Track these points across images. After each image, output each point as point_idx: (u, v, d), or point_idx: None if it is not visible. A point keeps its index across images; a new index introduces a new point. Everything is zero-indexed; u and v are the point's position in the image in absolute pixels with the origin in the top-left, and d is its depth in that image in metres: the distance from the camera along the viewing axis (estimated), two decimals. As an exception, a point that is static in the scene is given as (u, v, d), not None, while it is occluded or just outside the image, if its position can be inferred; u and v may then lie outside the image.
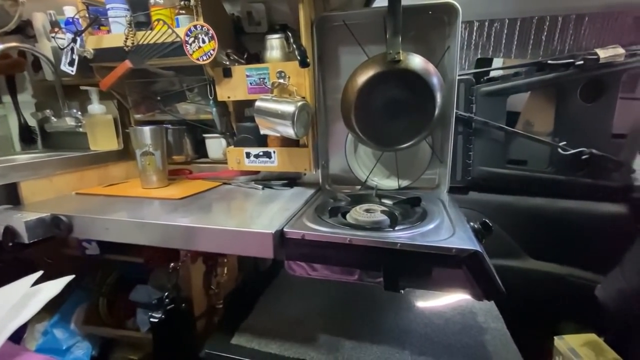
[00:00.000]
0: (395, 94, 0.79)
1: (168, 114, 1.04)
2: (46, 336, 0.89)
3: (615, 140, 0.89)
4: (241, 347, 0.71)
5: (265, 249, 0.62)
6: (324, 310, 0.83)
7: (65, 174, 0.93)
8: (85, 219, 0.73)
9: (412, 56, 0.77)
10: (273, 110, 0.80)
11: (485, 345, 0.70)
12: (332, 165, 0.99)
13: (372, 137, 0.85)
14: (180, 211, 0.75)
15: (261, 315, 0.82)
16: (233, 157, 0.95)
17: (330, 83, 0.92)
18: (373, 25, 0.83)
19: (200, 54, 0.84)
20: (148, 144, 0.91)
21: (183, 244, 0.68)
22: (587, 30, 0.86)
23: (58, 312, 0.91)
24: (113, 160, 1.07)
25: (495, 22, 0.92)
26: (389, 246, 0.59)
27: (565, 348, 0.79)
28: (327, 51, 0.90)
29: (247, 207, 0.81)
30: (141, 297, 0.85)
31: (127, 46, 0.88)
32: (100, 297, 0.94)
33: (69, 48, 0.93)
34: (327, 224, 0.67)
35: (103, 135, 1.07)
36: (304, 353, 0.69)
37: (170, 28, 0.83)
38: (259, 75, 0.86)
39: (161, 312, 0.72)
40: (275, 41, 0.87)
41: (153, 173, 0.93)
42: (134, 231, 0.69)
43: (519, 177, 0.95)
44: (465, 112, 0.93)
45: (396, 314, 0.80)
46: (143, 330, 0.85)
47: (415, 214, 0.74)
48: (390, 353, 0.68)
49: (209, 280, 0.86)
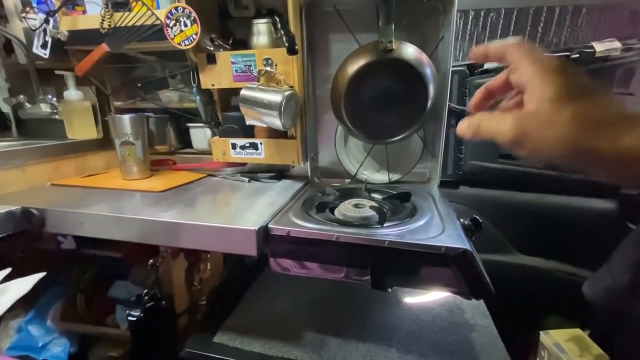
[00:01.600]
0: (387, 85, 0.76)
1: (150, 101, 1.00)
2: (20, 333, 0.85)
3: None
4: (224, 346, 0.68)
5: (249, 246, 0.60)
6: (310, 306, 0.81)
7: (39, 164, 0.88)
8: (58, 213, 0.69)
9: (405, 45, 0.74)
10: (259, 99, 0.76)
11: (472, 343, 0.69)
12: (322, 158, 0.96)
13: (363, 130, 0.82)
14: (160, 205, 0.72)
15: (245, 312, 0.79)
16: (218, 148, 0.91)
17: (320, 72, 0.89)
18: (365, 11, 0.79)
19: (182, 38, 0.79)
20: (128, 133, 0.86)
21: (162, 240, 0.65)
22: (584, 22, 0.84)
23: (33, 308, 0.88)
24: (92, 150, 1.02)
25: (491, 12, 0.89)
26: (376, 244, 0.57)
27: (550, 343, 0.79)
28: (317, 38, 0.86)
29: (232, 201, 0.78)
30: (120, 294, 0.82)
31: (104, 28, 0.82)
32: (78, 293, 0.90)
33: (42, 29, 0.87)
34: (314, 220, 0.65)
35: (81, 123, 1.02)
36: (289, 352, 0.67)
37: (150, 9, 0.78)
38: (245, 62, 0.82)
39: (140, 310, 0.69)
40: (262, 26, 0.82)
41: (133, 164, 0.89)
42: (110, 226, 0.66)
43: (510, 172, 0.94)
44: (458, 105, 0.91)
45: (383, 310, 0.79)
46: (123, 327, 0.82)
47: (404, 209, 0.72)
48: (376, 351, 0.67)
49: (191, 276, 0.84)
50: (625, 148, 0.28)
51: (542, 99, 0.31)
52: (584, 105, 0.30)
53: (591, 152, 0.29)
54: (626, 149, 0.28)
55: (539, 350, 0.79)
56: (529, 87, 0.33)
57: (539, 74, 0.32)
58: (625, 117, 0.29)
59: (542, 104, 0.31)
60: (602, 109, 0.30)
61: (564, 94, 0.31)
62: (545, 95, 0.31)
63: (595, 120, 0.30)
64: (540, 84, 0.32)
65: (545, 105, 0.31)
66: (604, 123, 0.29)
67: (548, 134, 0.31)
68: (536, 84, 0.32)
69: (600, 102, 0.31)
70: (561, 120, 0.30)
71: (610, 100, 0.31)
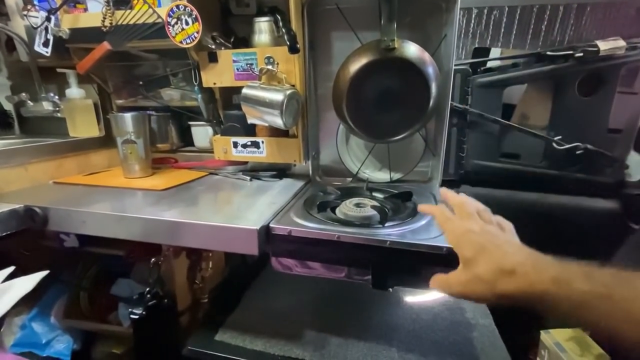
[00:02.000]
0: (388, 84, 0.76)
1: (151, 99, 1.00)
2: (24, 330, 0.86)
3: (611, 135, 0.87)
4: (225, 344, 0.69)
5: (250, 246, 0.60)
6: (312, 304, 0.82)
7: (41, 162, 0.88)
8: (60, 211, 0.69)
9: (408, 44, 0.74)
10: (261, 98, 0.76)
11: (473, 342, 0.70)
12: (323, 157, 0.96)
13: (364, 128, 0.82)
14: (162, 203, 0.72)
15: (247, 310, 0.80)
16: (220, 146, 0.91)
17: (322, 70, 0.88)
18: (367, 9, 0.78)
19: (183, 36, 0.79)
20: (130, 132, 0.86)
21: (163, 239, 0.65)
22: (589, 20, 0.83)
23: (37, 305, 0.89)
24: (94, 148, 1.02)
25: (494, 10, 0.88)
26: (378, 244, 0.58)
27: (551, 342, 0.79)
28: (319, 36, 0.86)
29: (233, 199, 0.78)
30: (123, 291, 0.83)
31: (105, 26, 0.82)
32: (81, 291, 0.91)
33: (43, 27, 0.87)
34: (315, 220, 0.65)
35: (83, 121, 1.02)
36: (290, 350, 0.67)
37: (151, 7, 0.78)
38: (247, 60, 0.82)
39: (142, 308, 0.69)
40: (264, 24, 0.82)
41: (135, 162, 0.89)
42: (112, 225, 0.66)
43: (512, 171, 0.94)
44: (460, 104, 0.90)
45: (384, 309, 0.79)
46: (125, 324, 0.82)
47: (406, 209, 0.72)
48: (377, 350, 0.67)
49: (193, 275, 0.84)
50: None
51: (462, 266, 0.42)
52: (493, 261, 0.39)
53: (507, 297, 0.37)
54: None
55: (540, 350, 0.79)
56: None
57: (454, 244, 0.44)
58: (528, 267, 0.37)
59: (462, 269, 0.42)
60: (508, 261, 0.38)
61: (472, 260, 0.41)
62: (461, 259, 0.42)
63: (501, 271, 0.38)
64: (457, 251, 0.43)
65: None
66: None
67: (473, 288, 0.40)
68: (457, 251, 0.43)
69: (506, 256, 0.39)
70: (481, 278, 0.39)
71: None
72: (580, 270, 0.34)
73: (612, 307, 0.31)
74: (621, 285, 0.31)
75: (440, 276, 0.44)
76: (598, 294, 0.32)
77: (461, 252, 0.42)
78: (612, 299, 0.31)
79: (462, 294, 0.41)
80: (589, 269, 0.34)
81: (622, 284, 0.32)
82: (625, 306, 0.30)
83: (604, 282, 0.32)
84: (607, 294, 0.31)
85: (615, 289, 0.31)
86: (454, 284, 0.42)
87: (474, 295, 0.40)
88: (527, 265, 0.37)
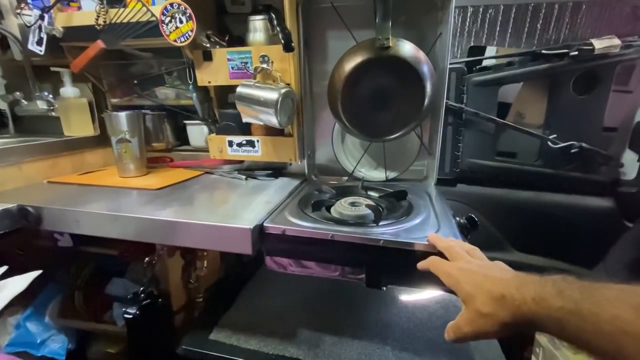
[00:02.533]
0: (383, 82, 0.76)
1: (146, 98, 0.99)
2: (19, 330, 0.86)
3: (606, 133, 0.87)
4: (220, 343, 0.69)
5: (244, 245, 0.60)
6: (307, 303, 0.82)
7: (36, 161, 0.88)
8: (54, 211, 0.69)
9: (402, 42, 0.74)
10: (255, 97, 0.76)
11: (468, 340, 0.69)
12: (319, 156, 0.96)
13: (360, 127, 0.82)
14: (156, 203, 0.72)
15: (242, 310, 0.80)
16: (215, 145, 0.91)
17: (317, 69, 0.88)
18: (362, 8, 0.78)
19: (177, 35, 0.78)
20: (124, 131, 0.86)
21: (158, 238, 0.65)
22: (584, 19, 0.83)
23: (31, 305, 0.88)
24: (89, 147, 1.02)
25: (490, 9, 0.88)
26: (371, 243, 0.57)
27: (545, 340, 0.80)
28: (314, 35, 0.85)
29: (228, 199, 0.78)
30: (117, 291, 0.83)
31: (99, 25, 0.82)
32: (76, 290, 0.90)
33: (37, 26, 0.86)
34: (310, 219, 0.65)
35: (77, 120, 1.02)
36: (284, 349, 0.67)
37: (145, 6, 0.77)
38: (241, 59, 0.81)
39: (136, 308, 0.69)
40: (259, 23, 0.82)
41: (130, 161, 0.88)
42: (106, 224, 0.66)
43: (508, 170, 0.94)
44: (455, 103, 0.90)
45: (379, 307, 0.80)
46: (120, 324, 0.82)
47: (400, 208, 0.72)
48: (371, 349, 0.67)
49: (188, 274, 0.84)
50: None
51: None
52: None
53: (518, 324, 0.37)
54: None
55: (534, 347, 0.79)
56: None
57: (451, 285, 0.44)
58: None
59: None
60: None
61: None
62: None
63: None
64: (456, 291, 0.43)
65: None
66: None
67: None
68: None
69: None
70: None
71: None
72: (555, 287, 0.34)
73: (581, 322, 0.31)
74: (588, 299, 0.31)
75: (450, 325, 0.43)
76: (568, 310, 0.32)
77: (459, 291, 0.43)
78: (581, 314, 0.31)
79: (475, 333, 0.40)
80: (562, 284, 0.34)
81: (588, 298, 0.31)
82: (593, 320, 0.30)
83: (573, 297, 0.32)
84: (577, 310, 0.31)
85: (584, 304, 0.31)
86: (463, 325, 0.41)
87: (484, 332, 0.39)
88: (511, 288, 0.37)
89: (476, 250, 0.49)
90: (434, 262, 0.49)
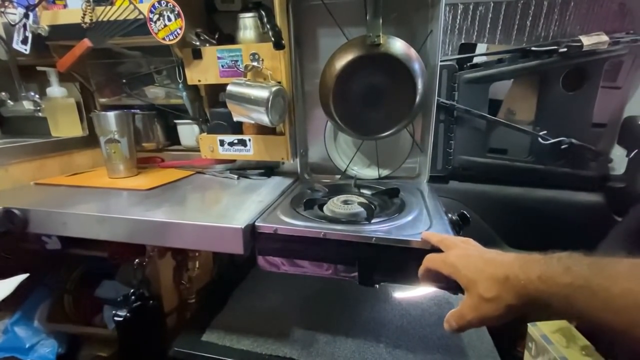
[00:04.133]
0: (375, 80, 0.75)
1: (136, 98, 0.98)
2: (7, 334, 0.84)
3: (595, 129, 0.88)
4: (212, 344, 0.68)
5: (235, 245, 0.59)
6: (300, 303, 0.81)
7: (22, 163, 0.86)
8: (40, 213, 0.67)
9: (393, 40, 0.73)
10: (246, 95, 0.75)
11: (460, 336, 0.70)
12: (311, 154, 0.95)
13: (352, 125, 0.81)
14: (146, 203, 0.71)
15: (235, 310, 0.79)
16: (206, 144, 0.90)
17: (309, 67, 0.87)
18: (353, 5, 0.78)
19: (166, 33, 0.77)
20: (113, 131, 0.85)
21: (147, 239, 0.64)
22: (572, 15, 0.84)
23: (20, 309, 0.86)
24: (77, 148, 1.00)
25: (480, 6, 0.88)
26: (364, 240, 0.57)
27: (538, 335, 0.80)
28: (305, 32, 0.85)
29: (219, 199, 0.77)
30: (108, 294, 0.81)
31: (85, 23, 0.80)
32: (65, 294, 0.89)
33: (21, 24, 0.85)
34: (302, 217, 0.64)
35: (65, 121, 1.00)
36: (277, 349, 0.67)
37: (132, 3, 0.76)
38: (231, 57, 0.81)
39: (126, 310, 0.68)
40: (249, 20, 0.81)
41: (119, 162, 0.87)
42: (94, 226, 0.65)
43: (499, 166, 0.94)
44: (447, 100, 0.90)
45: (373, 305, 0.79)
46: (110, 327, 0.81)
47: (393, 205, 0.72)
48: (365, 347, 0.67)
49: (179, 275, 0.83)
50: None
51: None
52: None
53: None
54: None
55: (527, 342, 0.80)
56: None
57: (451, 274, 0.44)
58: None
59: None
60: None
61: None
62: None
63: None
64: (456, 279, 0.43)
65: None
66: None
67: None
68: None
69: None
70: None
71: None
72: (561, 264, 0.34)
73: (591, 298, 0.31)
74: (598, 274, 0.31)
75: (451, 313, 0.43)
76: (578, 286, 0.32)
77: (459, 278, 0.42)
78: (591, 289, 0.31)
79: (480, 319, 0.40)
80: (569, 260, 0.34)
81: (598, 273, 0.31)
82: (604, 295, 0.30)
83: (582, 273, 0.32)
84: (586, 285, 0.31)
85: (593, 279, 0.31)
86: (467, 313, 0.41)
87: (489, 317, 0.39)
88: (515, 268, 0.37)
89: (470, 240, 0.49)
90: (431, 258, 0.48)
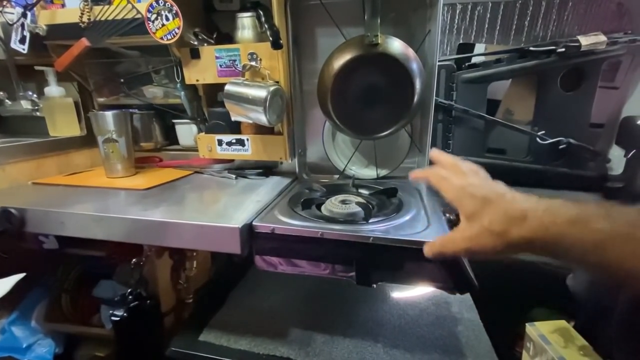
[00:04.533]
0: (373, 80, 0.75)
1: (134, 97, 0.98)
2: (4, 334, 0.84)
3: (593, 129, 0.88)
4: (209, 344, 0.68)
5: (233, 244, 0.59)
6: (298, 302, 0.81)
7: (20, 162, 0.86)
8: (38, 212, 0.67)
9: (391, 40, 0.73)
10: (244, 95, 0.75)
11: (458, 336, 0.70)
12: (310, 154, 0.95)
13: (350, 125, 0.81)
14: (143, 203, 0.71)
15: (232, 310, 0.79)
16: (204, 144, 0.90)
17: (307, 67, 0.87)
18: (351, 5, 0.78)
19: (164, 32, 0.77)
20: (111, 130, 0.85)
21: (144, 239, 0.64)
22: (570, 16, 0.84)
23: (17, 309, 0.86)
24: (75, 147, 1.00)
25: (478, 6, 0.88)
26: (361, 240, 0.57)
27: (536, 335, 0.80)
28: (303, 32, 0.85)
29: (217, 198, 0.77)
30: (105, 293, 0.81)
31: (83, 22, 0.80)
32: (63, 293, 0.89)
33: (19, 24, 0.84)
34: (300, 217, 0.64)
35: (63, 120, 1.00)
36: (275, 349, 0.67)
37: (130, 3, 0.76)
38: (229, 56, 0.80)
39: (123, 310, 0.68)
40: (247, 20, 0.81)
41: (117, 161, 0.87)
42: (91, 225, 0.65)
43: (497, 166, 0.94)
44: (445, 100, 0.90)
45: (370, 305, 0.79)
46: (108, 327, 0.81)
47: (391, 205, 0.72)
48: (362, 346, 0.67)
49: (177, 275, 0.83)
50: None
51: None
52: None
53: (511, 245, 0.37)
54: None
55: (525, 342, 0.80)
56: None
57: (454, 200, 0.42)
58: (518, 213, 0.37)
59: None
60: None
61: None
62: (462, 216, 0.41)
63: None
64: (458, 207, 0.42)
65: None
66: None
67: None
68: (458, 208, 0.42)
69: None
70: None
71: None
72: (599, 210, 0.33)
73: (636, 247, 0.30)
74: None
75: (442, 237, 0.42)
76: (621, 233, 0.30)
77: (463, 207, 0.41)
78: (637, 238, 0.30)
79: (469, 249, 0.39)
80: (610, 208, 0.33)
81: None
82: None
83: (628, 221, 0.31)
84: (632, 233, 0.30)
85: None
86: (459, 240, 0.40)
87: (483, 249, 0.38)
88: (538, 210, 0.36)
89: (482, 170, 0.46)
90: (434, 175, 0.45)
